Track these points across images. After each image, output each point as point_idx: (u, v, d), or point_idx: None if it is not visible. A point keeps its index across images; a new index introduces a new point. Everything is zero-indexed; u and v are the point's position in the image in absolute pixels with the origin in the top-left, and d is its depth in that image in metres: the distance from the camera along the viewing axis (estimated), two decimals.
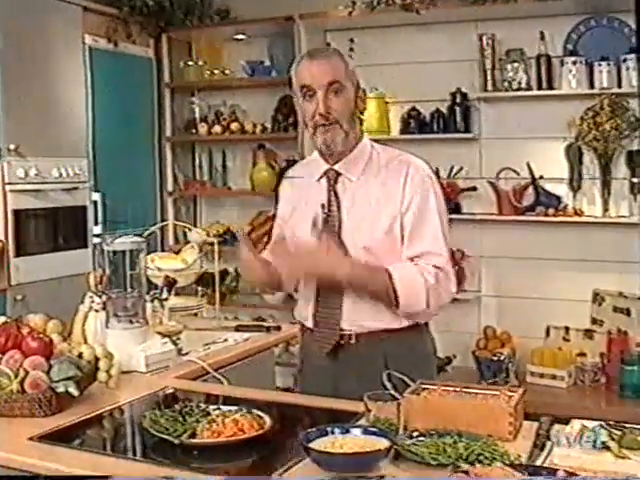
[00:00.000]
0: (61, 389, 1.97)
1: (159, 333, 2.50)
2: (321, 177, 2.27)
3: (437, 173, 3.99)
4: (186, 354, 2.58)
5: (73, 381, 1.99)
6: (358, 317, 2.22)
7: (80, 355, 2.17)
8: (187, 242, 4.21)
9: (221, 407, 1.89)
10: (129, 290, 2.39)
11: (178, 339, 2.58)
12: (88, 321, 2.54)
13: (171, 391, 2.20)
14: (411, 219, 2.18)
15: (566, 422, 1.75)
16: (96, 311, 2.52)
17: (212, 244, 3.23)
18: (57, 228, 4.11)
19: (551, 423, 1.80)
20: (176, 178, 5.06)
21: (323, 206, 2.24)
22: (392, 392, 1.81)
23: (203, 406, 1.88)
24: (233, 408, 1.86)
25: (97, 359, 2.16)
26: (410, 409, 1.77)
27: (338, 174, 2.25)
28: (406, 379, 1.91)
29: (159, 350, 2.42)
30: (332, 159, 2.25)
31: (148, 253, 2.96)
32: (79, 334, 2.54)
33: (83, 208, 4.24)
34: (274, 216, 2.50)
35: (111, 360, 2.18)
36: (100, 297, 2.50)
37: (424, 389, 1.89)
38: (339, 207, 2.23)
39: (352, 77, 2.22)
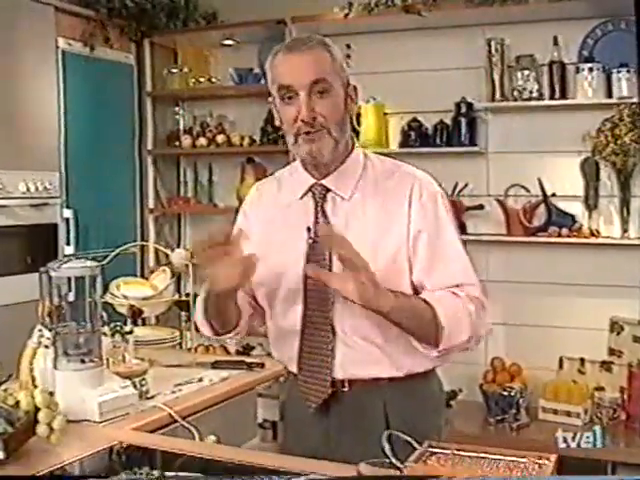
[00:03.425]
0: None
1: (118, 374, 2.13)
2: (305, 194, 1.89)
3: None
4: (152, 398, 2.22)
5: (0, 439, 1.63)
6: (353, 364, 1.85)
7: (17, 403, 1.81)
8: (169, 264, 3.89)
9: (179, 474, 1.53)
10: (81, 324, 2.04)
11: (143, 380, 2.22)
12: (37, 358, 2.18)
13: (125, 447, 1.83)
14: (428, 249, 1.82)
15: None
16: (46, 347, 2.16)
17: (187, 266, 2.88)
18: (24, 248, 3.78)
19: None
20: (158, 194, 4.72)
21: (309, 229, 1.86)
22: (393, 460, 1.45)
23: (156, 474, 1.51)
24: (192, 476, 1.49)
25: (37, 409, 1.80)
26: None
27: (327, 190, 1.87)
28: (412, 441, 1.54)
29: (117, 395, 2.06)
30: (318, 172, 1.87)
31: (113, 278, 2.65)
32: (26, 374, 2.18)
33: (53, 226, 3.92)
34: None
35: (54, 410, 1.81)
36: (50, 331, 2.14)
37: (432, 454, 1.53)
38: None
39: (341, 72, 1.83)
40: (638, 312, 3.77)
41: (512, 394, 3.82)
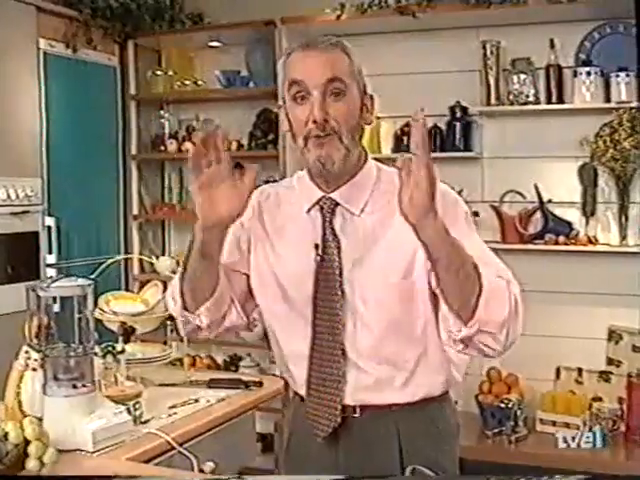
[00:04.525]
0: None
1: (110, 398, 2.00)
2: (312, 207, 1.75)
3: None
4: (146, 422, 2.09)
5: None
6: (366, 389, 1.73)
7: (6, 435, 1.68)
8: (154, 272, 3.75)
9: None
10: (72, 345, 1.90)
11: (137, 403, 2.09)
12: (24, 382, 2.05)
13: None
14: None
15: None
16: (34, 370, 2.02)
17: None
18: (4, 257, 3.64)
19: None
20: (142, 200, 4.58)
21: (317, 247, 1.72)
22: None
23: None
24: None
25: (27, 441, 1.67)
26: None
27: (336, 204, 1.74)
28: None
29: (111, 422, 1.93)
30: (327, 184, 1.73)
31: (102, 292, 2.51)
32: (12, 399, 2.04)
33: (35, 234, 3.78)
34: None
35: (45, 443, 1.68)
36: (38, 352, 2.01)
37: None
38: (339, 250, 1.71)
39: (358, 77, 1.70)
40: (637, 321, 3.69)
41: (509, 406, 3.73)
